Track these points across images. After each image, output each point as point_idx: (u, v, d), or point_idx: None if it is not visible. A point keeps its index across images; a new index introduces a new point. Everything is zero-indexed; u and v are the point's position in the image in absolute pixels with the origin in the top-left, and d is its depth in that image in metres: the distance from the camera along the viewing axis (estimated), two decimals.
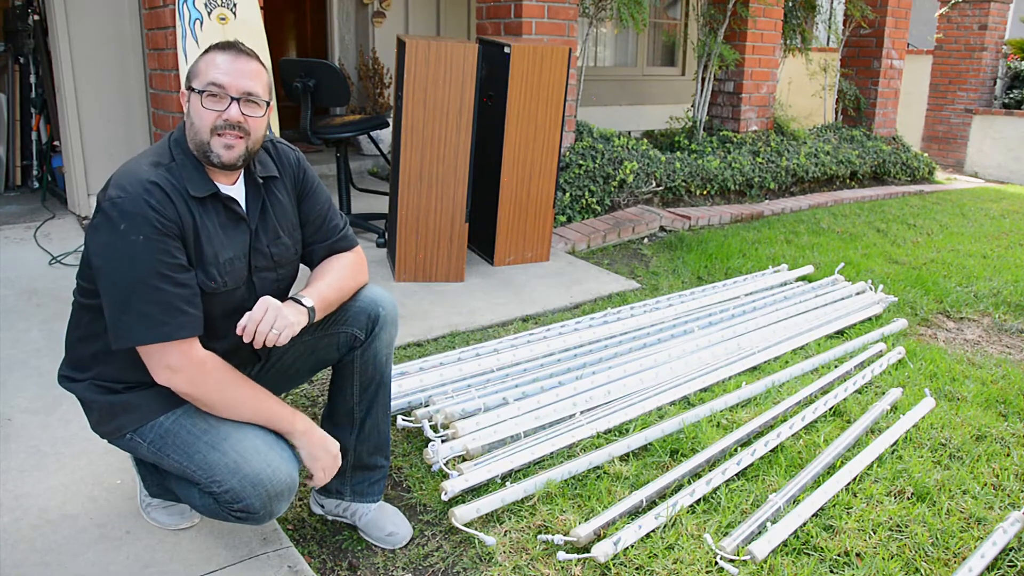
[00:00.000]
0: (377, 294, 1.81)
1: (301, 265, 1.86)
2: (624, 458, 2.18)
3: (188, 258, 1.55)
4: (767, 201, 5.71)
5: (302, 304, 1.64)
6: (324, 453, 1.68)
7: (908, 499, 2.03)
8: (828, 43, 8.14)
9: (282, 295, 1.76)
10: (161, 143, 1.65)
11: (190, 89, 1.58)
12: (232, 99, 1.56)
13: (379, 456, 1.88)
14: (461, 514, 1.86)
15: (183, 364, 1.52)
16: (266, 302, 1.57)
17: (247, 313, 1.57)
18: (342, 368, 1.82)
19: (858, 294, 3.65)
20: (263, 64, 1.64)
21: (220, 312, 1.62)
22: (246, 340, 1.56)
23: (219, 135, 1.56)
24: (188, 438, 1.58)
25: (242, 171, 1.69)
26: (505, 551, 1.80)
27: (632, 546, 1.79)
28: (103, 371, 1.62)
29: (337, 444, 1.72)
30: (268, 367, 1.84)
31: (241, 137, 1.58)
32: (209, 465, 1.54)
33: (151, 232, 1.48)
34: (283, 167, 1.78)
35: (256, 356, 1.80)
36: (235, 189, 1.67)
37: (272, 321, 1.56)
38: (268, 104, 1.63)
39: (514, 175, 3.82)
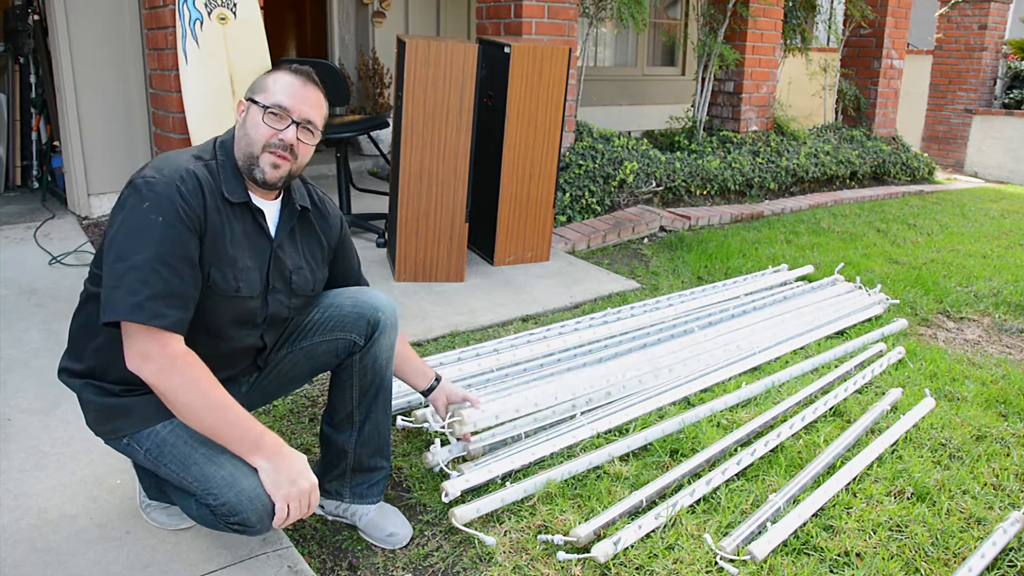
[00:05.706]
0: (376, 298, 1.81)
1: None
2: (624, 458, 2.18)
3: (201, 257, 1.54)
4: (767, 201, 5.71)
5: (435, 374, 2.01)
6: (289, 483, 1.49)
7: (908, 499, 2.03)
8: (828, 43, 8.14)
9: (288, 323, 1.80)
10: (206, 142, 1.69)
11: (252, 101, 1.62)
12: (293, 122, 1.61)
13: (379, 458, 1.88)
14: (461, 514, 1.86)
15: (155, 354, 1.46)
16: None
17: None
18: (341, 372, 1.82)
19: (857, 292, 3.64)
20: (325, 96, 1.70)
21: (230, 318, 1.63)
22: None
23: (271, 152, 1.60)
24: (185, 449, 1.56)
25: (281, 192, 1.72)
26: (505, 551, 1.80)
27: (632, 546, 1.79)
28: (102, 369, 1.62)
29: (314, 480, 1.53)
30: (266, 374, 1.85)
31: (288, 159, 1.62)
32: (206, 478, 1.52)
33: (172, 217, 1.49)
34: (327, 218, 1.84)
35: (255, 366, 1.80)
36: (269, 205, 1.70)
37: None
38: (320, 134, 1.69)
39: (514, 175, 3.82)
